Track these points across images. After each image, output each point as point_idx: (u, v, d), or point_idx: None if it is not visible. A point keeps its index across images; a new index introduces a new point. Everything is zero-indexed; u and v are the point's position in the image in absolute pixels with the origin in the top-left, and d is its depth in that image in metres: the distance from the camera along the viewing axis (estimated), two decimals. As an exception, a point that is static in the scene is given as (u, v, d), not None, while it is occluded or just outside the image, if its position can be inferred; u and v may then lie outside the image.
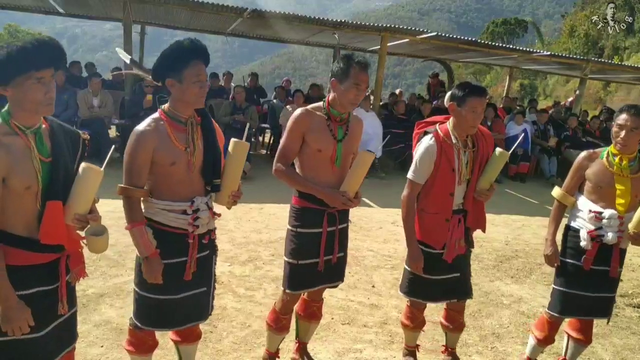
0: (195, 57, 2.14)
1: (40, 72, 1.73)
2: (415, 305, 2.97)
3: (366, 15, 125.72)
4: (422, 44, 10.70)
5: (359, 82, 2.50)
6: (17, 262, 1.81)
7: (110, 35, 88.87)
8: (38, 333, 1.88)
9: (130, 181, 2.16)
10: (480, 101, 2.60)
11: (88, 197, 1.89)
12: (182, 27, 11.83)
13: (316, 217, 2.63)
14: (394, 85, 64.59)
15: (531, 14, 79.77)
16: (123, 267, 4.19)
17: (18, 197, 1.78)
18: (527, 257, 5.38)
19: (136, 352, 2.45)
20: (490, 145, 2.77)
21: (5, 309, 1.76)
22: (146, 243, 2.16)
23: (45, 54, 1.74)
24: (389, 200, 7.34)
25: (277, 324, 2.81)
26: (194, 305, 2.38)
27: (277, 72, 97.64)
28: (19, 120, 1.78)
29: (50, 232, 1.82)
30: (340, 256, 2.77)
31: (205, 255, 2.37)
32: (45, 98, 1.76)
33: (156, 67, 2.19)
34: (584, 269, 2.77)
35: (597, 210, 2.72)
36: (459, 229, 2.74)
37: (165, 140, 2.17)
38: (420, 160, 2.69)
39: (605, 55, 27.72)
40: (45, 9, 10.81)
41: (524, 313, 4.09)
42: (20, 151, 1.76)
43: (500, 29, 36.27)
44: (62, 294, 1.95)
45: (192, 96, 2.17)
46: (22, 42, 1.72)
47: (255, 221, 5.88)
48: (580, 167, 2.82)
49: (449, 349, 3.17)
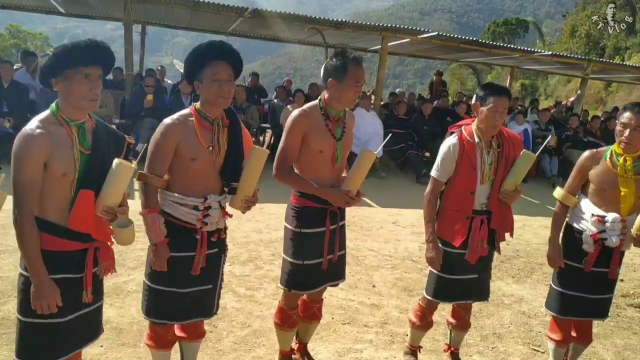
0: (214, 57, 2.20)
1: (88, 69, 1.88)
2: (429, 305, 2.97)
3: (367, 15, 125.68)
4: (423, 44, 10.69)
5: (358, 80, 2.50)
6: (48, 247, 1.93)
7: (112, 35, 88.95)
8: (62, 318, 1.99)
9: (151, 169, 2.23)
10: (502, 101, 2.61)
11: (118, 191, 2.00)
12: (182, 27, 11.85)
13: (318, 216, 2.63)
14: (394, 86, 64.55)
15: (532, 14, 79.70)
16: (123, 267, 4.18)
17: (55, 183, 1.91)
18: (528, 257, 5.37)
19: (155, 347, 2.52)
20: (517, 148, 2.77)
21: (37, 285, 1.89)
22: (157, 230, 2.22)
23: (94, 54, 1.90)
24: (390, 200, 7.35)
25: (286, 321, 2.81)
26: (198, 301, 2.40)
27: (278, 72, 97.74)
28: (65, 114, 1.93)
29: (80, 218, 1.95)
30: (341, 254, 2.77)
31: (214, 253, 2.40)
32: (90, 94, 1.91)
33: (185, 72, 2.34)
34: (584, 270, 2.75)
35: (599, 214, 2.69)
36: (483, 230, 2.73)
37: (191, 136, 2.23)
38: (442, 158, 2.74)
39: (607, 55, 27.68)
40: (46, 8, 10.82)
41: (525, 313, 4.08)
42: (62, 140, 1.91)
43: (502, 29, 36.19)
44: (87, 282, 2.05)
45: (211, 95, 2.21)
46: (77, 41, 1.90)
47: (256, 221, 5.87)
48: (583, 167, 2.79)
49: (451, 349, 3.17)
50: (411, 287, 4.38)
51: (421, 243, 5.64)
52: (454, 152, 2.70)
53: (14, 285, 3.48)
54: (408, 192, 8.13)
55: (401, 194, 7.98)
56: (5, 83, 7.25)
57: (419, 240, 5.74)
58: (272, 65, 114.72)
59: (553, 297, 2.91)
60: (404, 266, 4.89)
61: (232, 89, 2.26)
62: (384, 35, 9.60)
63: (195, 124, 2.24)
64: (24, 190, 1.85)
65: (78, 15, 11.56)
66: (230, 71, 2.24)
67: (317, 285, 2.72)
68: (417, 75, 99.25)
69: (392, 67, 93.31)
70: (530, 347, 3.56)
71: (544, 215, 7.06)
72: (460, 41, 10.24)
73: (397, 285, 4.41)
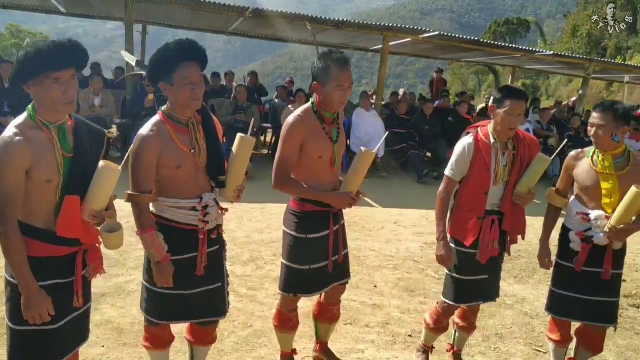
0: (184, 59, 2.10)
1: (57, 73, 1.79)
2: (446, 310, 2.95)
3: (368, 15, 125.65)
4: (424, 44, 10.67)
5: (341, 83, 2.40)
6: (36, 254, 1.88)
7: (112, 35, 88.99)
8: (55, 325, 1.95)
9: (137, 187, 2.14)
10: (519, 104, 2.61)
11: (105, 194, 1.94)
12: (183, 26, 11.82)
13: (322, 220, 2.61)
14: (396, 85, 64.59)
15: (533, 14, 79.55)
16: (124, 267, 4.18)
17: (39, 190, 1.85)
18: (530, 258, 5.35)
19: (153, 348, 2.49)
20: (533, 151, 2.76)
21: (27, 296, 1.84)
22: (158, 248, 2.17)
23: (61, 56, 1.79)
24: (391, 200, 7.34)
25: (286, 324, 2.80)
26: (208, 300, 2.38)
27: (279, 72, 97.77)
28: (42, 116, 1.86)
29: (67, 225, 1.89)
30: (345, 253, 2.76)
31: (215, 250, 2.38)
32: (64, 97, 1.82)
33: (149, 72, 2.20)
34: (576, 270, 2.74)
35: (583, 211, 2.71)
36: (494, 231, 2.73)
37: (170, 144, 2.15)
38: (457, 158, 2.75)
39: (608, 55, 27.62)
40: (47, 8, 10.80)
41: (527, 313, 4.06)
42: (43, 145, 1.84)
43: (503, 29, 36.14)
44: (78, 287, 2.01)
45: (184, 99, 2.13)
46: (39, 45, 1.78)
47: (257, 221, 5.86)
48: (568, 167, 2.84)
49: (454, 349, 3.16)
50: (413, 288, 4.37)
51: (423, 243, 5.63)
52: (468, 152, 2.71)
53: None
54: (409, 192, 8.12)
55: (402, 194, 7.96)
56: (6, 83, 7.27)
57: (421, 240, 5.74)
58: (273, 65, 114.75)
59: (549, 297, 2.92)
60: (406, 266, 4.88)
61: (203, 89, 2.19)
62: (385, 35, 9.59)
63: (170, 130, 2.16)
64: (7, 201, 1.77)
65: (79, 15, 11.55)
66: (200, 71, 2.16)
67: (324, 287, 2.71)
68: (419, 75, 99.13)
69: (393, 67, 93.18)
70: (532, 347, 3.55)
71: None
72: (462, 41, 10.23)
73: (399, 286, 4.40)
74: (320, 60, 2.43)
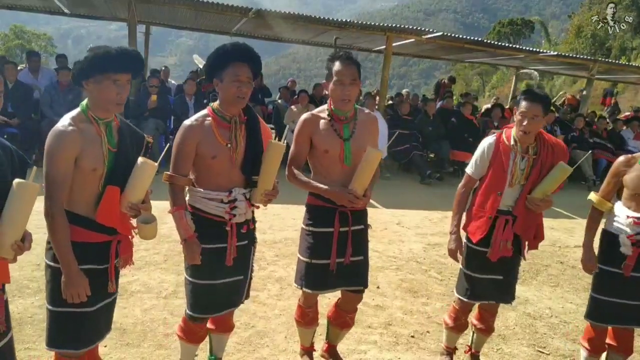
0: (236, 59, 2.29)
1: (117, 75, 1.99)
2: (462, 307, 2.98)
3: (371, 15, 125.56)
4: (427, 44, 10.67)
5: (340, 77, 2.51)
6: (75, 239, 2.03)
7: (116, 36, 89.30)
8: (90, 307, 2.10)
9: (175, 169, 2.36)
10: (532, 107, 2.61)
11: (142, 188, 2.10)
12: (186, 27, 11.86)
13: (328, 216, 2.65)
14: (399, 86, 64.44)
15: (537, 15, 79.29)
16: (127, 268, 4.17)
17: (85, 178, 2.03)
18: (533, 259, 5.33)
19: (186, 340, 2.60)
20: (557, 157, 2.73)
21: (68, 275, 2.00)
22: (185, 226, 2.32)
23: (124, 61, 1.99)
24: (394, 201, 7.32)
25: (304, 318, 2.89)
26: (234, 292, 2.52)
27: (282, 72, 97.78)
28: (94, 112, 2.05)
29: (106, 212, 2.06)
30: (358, 260, 2.74)
31: (244, 244, 2.51)
32: (117, 97, 2.02)
33: (205, 69, 2.43)
34: (624, 275, 2.66)
35: (635, 215, 2.63)
36: (507, 231, 2.74)
37: (209, 136, 2.34)
38: (478, 157, 2.83)
39: (613, 56, 27.52)
40: (51, 9, 10.86)
41: (530, 315, 4.05)
42: (92, 137, 2.03)
43: (507, 29, 36.04)
44: (111, 273, 2.17)
45: (231, 95, 2.30)
46: (107, 48, 2.00)
47: (259, 221, 5.79)
48: (617, 172, 2.75)
49: (472, 351, 3.17)
50: (415, 289, 4.36)
51: (426, 244, 5.62)
52: (488, 152, 2.78)
53: (18, 285, 3.49)
54: (412, 193, 8.10)
55: (405, 194, 7.95)
56: (10, 83, 7.30)
57: (424, 241, 5.72)
58: (276, 65, 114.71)
59: (591, 304, 2.84)
60: (409, 267, 4.87)
61: (250, 90, 2.36)
62: (389, 35, 9.59)
63: (212, 123, 2.35)
64: (56, 184, 1.95)
65: (82, 15, 11.60)
66: (250, 74, 2.33)
67: (330, 287, 2.74)
68: (422, 76, 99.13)
69: (396, 67, 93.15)
70: (535, 348, 3.53)
71: (550, 217, 7.01)
72: (465, 41, 10.22)
73: (402, 287, 4.39)
74: (328, 61, 2.60)
